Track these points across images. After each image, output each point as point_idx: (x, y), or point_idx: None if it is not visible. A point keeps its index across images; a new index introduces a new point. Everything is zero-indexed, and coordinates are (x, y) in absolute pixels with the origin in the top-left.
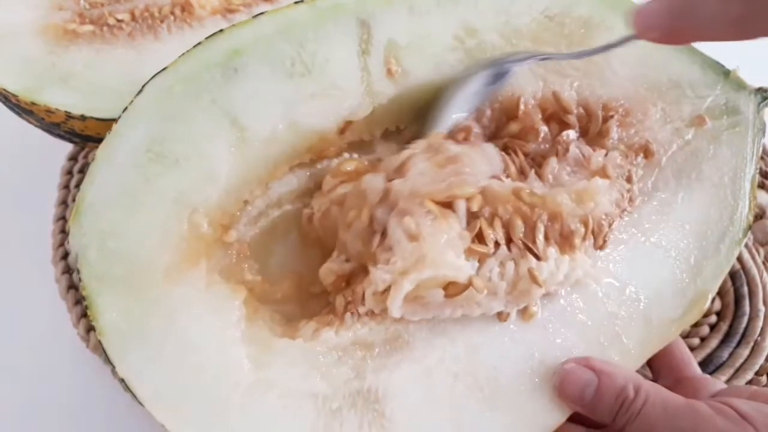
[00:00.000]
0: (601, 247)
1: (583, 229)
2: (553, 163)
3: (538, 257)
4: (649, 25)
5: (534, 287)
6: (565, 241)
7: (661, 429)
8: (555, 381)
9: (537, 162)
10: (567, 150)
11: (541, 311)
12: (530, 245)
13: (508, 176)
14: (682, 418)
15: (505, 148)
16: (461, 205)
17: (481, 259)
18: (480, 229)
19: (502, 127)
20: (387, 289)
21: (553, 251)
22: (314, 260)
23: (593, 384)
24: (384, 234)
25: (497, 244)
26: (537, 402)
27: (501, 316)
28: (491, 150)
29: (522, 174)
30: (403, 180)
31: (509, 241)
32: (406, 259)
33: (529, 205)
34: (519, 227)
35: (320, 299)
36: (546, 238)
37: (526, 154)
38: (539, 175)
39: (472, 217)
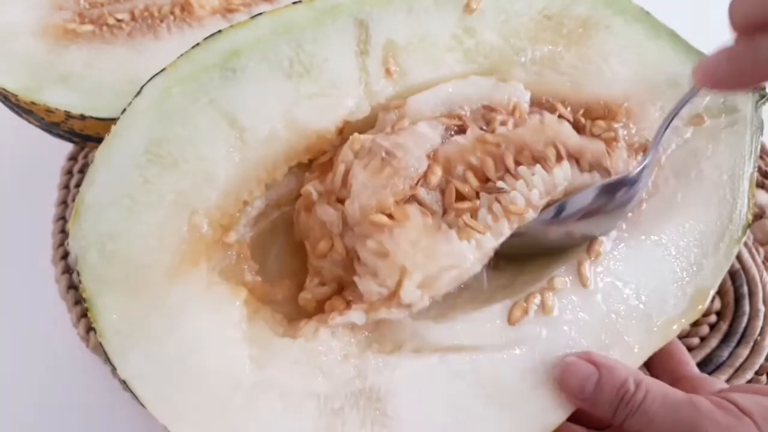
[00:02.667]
0: (607, 171)
1: (553, 150)
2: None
3: (502, 190)
4: (712, 80)
5: (523, 211)
6: (538, 161)
7: (661, 422)
8: (556, 374)
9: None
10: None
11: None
12: (491, 189)
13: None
14: (682, 412)
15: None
16: (422, 193)
17: (473, 213)
18: (457, 190)
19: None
20: (383, 299)
21: (524, 169)
22: None
23: (594, 377)
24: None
25: (478, 194)
26: (538, 400)
27: (511, 319)
28: (425, 128)
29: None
30: (350, 201)
31: (487, 181)
32: (391, 276)
33: (495, 144)
34: (490, 165)
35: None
36: (516, 162)
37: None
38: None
39: (445, 183)
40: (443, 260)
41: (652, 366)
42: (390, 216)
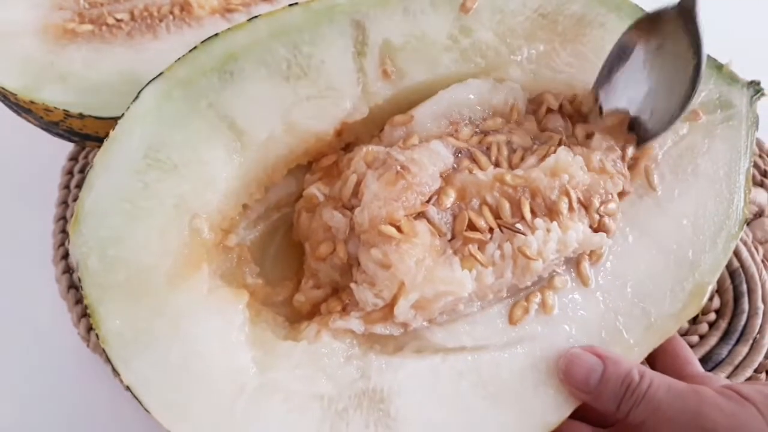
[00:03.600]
0: (598, 228)
1: (565, 199)
2: (531, 161)
3: (520, 232)
4: None
5: (530, 261)
6: (551, 212)
7: (666, 409)
8: (561, 365)
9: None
10: (554, 150)
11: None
12: (509, 225)
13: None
14: (687, 399)
15: (483, 139)
16: (432, 212)
17: (481, 246)
18: (470, 220)
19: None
20: (377, 309)
21: (540, 222)
22: None
23: (599, 369)
24: (359, 263)
25: (491, 230)
26: (540, 397)
27: (512, 318)
28: (438, 146)
29: (497, 167)
30: (360, 209)
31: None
32: (389, 289)
33: (513, 187)
34: (506, 209)
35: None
36: (533, 212)
37: (509, 145)
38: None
39: (459, 209)
40: (441, 285)
41: (656, 365)
42: (399, 229)
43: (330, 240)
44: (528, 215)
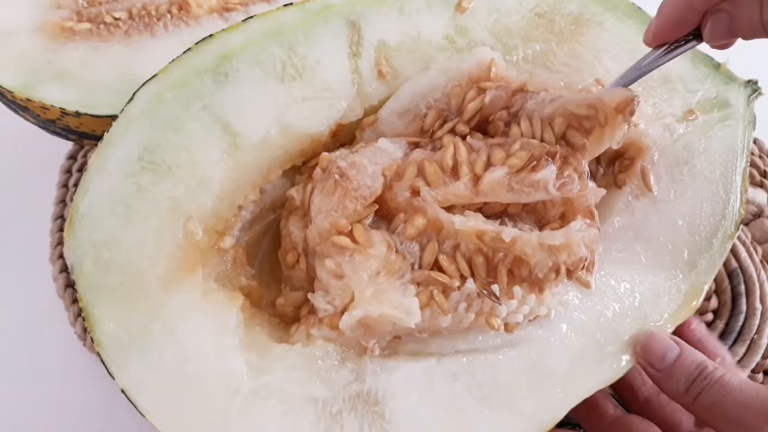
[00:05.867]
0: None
1: (553, 276)
2: (498, 173)
3: (497, 302)
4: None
5: (498, 327)
6: (534, 284)
7: (738, 395)
8: (640, 338)
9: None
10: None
11: None
12: (487, 291)
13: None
14: (758, 388)
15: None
16: (395, 241)
17: (446, 291)
18: (438, 260)
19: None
20: (332, 315)
21: (518, 290)
22: None
23: (676, 350)
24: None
25: (463, 278)
26: (534, 400)
27: (508, 327)
28: (385, 144)
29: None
30: (311, 228)
31: (474, 274)
32: (341, 298)
33: (492, 249)
34: (481, 266)
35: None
36: (511, 275)
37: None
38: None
39: (428, 240)
40: (388, 308)
41: None
42: (353, 237)
43: (294, 249)
44: (503, 282)
